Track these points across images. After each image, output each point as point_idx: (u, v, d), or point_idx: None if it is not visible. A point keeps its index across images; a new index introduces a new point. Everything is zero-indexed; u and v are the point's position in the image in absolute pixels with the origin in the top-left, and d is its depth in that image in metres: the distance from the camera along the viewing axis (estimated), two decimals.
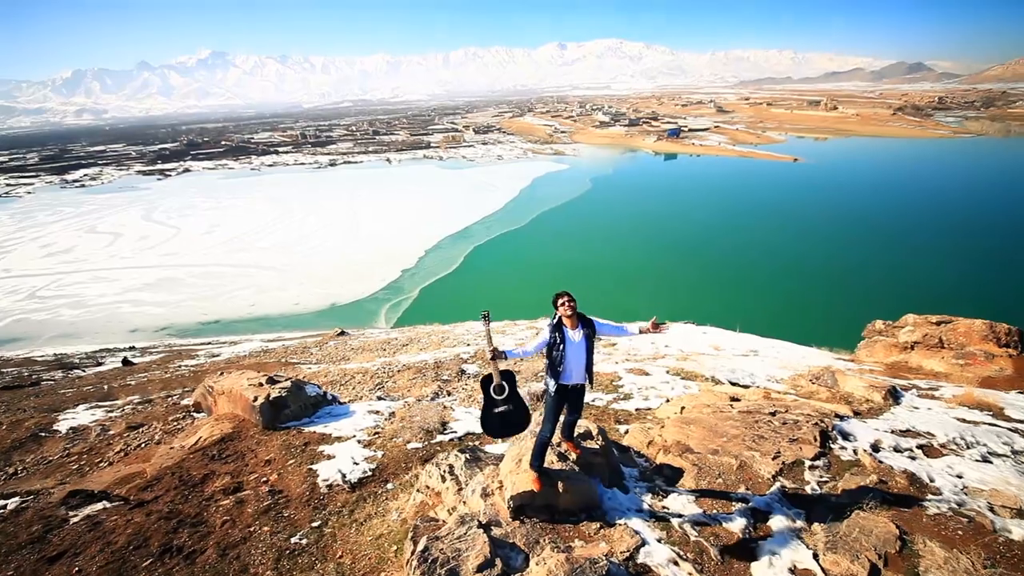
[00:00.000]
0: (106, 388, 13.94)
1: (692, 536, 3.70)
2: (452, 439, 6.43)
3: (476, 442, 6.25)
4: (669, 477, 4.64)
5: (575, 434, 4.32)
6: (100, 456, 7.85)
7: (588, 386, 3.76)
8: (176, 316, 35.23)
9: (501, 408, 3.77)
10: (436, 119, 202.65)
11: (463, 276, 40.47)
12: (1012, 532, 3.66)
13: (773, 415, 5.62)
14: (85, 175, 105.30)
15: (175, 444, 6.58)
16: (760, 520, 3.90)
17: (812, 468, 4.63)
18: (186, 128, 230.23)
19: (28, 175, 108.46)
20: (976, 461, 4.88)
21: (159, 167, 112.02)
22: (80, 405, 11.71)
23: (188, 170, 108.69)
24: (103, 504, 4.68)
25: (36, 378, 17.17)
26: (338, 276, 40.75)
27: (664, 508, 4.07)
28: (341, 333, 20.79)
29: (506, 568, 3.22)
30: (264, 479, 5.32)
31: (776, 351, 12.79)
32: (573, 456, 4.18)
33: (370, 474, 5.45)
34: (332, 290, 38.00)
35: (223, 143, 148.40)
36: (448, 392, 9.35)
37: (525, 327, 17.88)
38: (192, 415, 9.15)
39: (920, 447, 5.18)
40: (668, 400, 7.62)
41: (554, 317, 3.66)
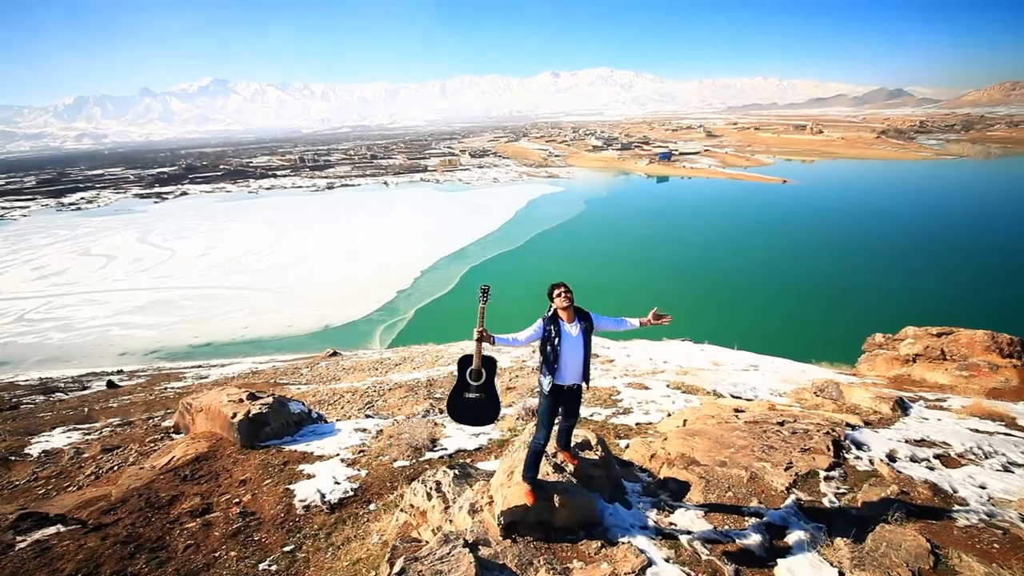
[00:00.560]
0: (87, 411, 13.40)
1: (703, 555, 3.37)
2: (442, 456, 6.05)
3: (468, 459, 5.87)
4: (675, 491, 4.29)
5: (572, 443, 4.00)
6: (69, 480, 7.38)
7: (584, 386, 3.49)
8: (167, 339, 34.56)
9: (473, 395, 3.49)
10: (433, 144, 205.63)
11: (459, 296, 40.13)
12: None
13: (782, 425, 5.32)
14: (82, 198, 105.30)
15: (146, 465, 6.16)
16: (776, 536, 3.58)
17: (828, 479, 4.31)
18: (185, 152, 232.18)
19: (24, 198, 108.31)
20: (997, 471, 4.66)
21: (156, 190, 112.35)
22: (57, 428, 11.20)
23: (185, 193, 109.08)
24: (56, 528, 4.26)
25: (16, 402, 16.53)
26: (333, 297, 40.35)
27: (671, 524, 3.74)
28: (333, 354, 20.36)
29: None
30: (236, 500, 4.91)
31: (776, 366, 12.52)
32: (570, 467, 3.84)
33: (352, 494, 5.06)
34: (327, 311, 37.56)
35: (221, 167, 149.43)
36: (440, 409, 8.97)
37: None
38: (171, 436, 8.70)
39: (937, 457, 4.94)
40: (670, 414, 7.29)
41: (549, 309, 3.41)
